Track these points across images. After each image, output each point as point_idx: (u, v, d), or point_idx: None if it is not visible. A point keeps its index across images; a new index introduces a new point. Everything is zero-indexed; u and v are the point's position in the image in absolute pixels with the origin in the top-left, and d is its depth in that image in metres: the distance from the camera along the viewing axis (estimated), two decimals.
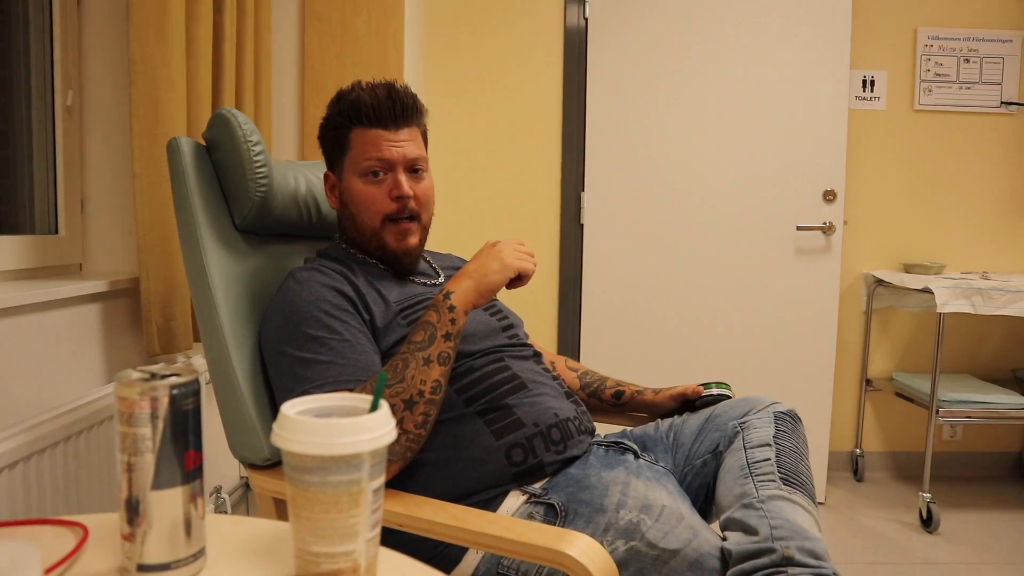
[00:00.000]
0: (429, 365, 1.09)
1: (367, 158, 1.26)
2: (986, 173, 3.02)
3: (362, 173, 1.27)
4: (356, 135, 1.27)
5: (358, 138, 1.27)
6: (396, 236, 1.29)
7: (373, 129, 1.26)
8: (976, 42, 2.96)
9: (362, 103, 1.26)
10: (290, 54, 2.19)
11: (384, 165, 1.26)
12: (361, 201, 1.28)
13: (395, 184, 1.26)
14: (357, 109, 1.26)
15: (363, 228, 1.30)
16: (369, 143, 1.26)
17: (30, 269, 1.48)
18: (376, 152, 1.26)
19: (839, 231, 2.79)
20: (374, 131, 1.26)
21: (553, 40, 2.85)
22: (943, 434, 3.12)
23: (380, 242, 1.29)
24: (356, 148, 1.28)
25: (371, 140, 1.26)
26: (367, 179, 1.27)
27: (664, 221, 2.85)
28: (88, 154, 1.65)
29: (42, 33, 1.57)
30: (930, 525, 2.53)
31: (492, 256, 1.17)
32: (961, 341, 3.09)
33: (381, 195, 1.27)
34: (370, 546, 0.62)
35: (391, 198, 1.27)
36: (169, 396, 0.61)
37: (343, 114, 1.28)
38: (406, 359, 1.10)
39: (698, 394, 1.41)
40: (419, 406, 1.08)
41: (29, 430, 1.14)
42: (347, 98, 1.28)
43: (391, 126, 1.27)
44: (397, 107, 1.27)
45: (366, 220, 1.29)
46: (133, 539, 0.62)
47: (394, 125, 1.27)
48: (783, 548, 0.99)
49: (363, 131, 1.27)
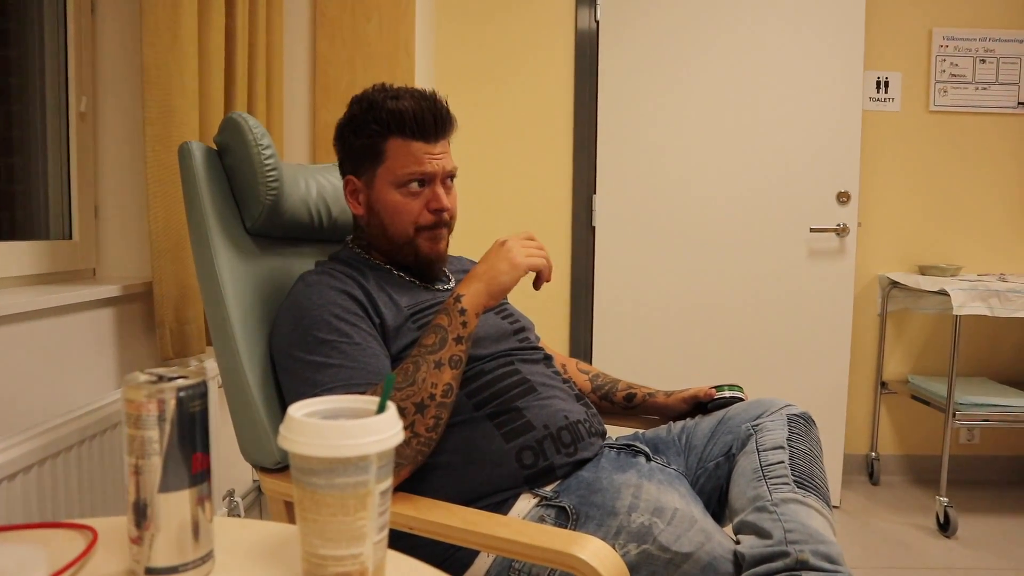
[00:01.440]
0: (440, 368, 1.09)
1: (408, 171, 1.23)
2: (1003, 174, 2.99)
3: (400, 184, 1.24)
4: (395, 145, 1.24)
5: (397, 149, 1.24)
6: (430, 241, 1.28)
7: (415, 141, 1.23)
8: (992, 42, 2.94)
9: (405, 114, 1.21)
10: (301, 58, 2.20)
11: (426, 177, 1.25)
12: (397, 212, 1.26)
13: (434, 197, 1.25)
14: (400, 119, 1.22)
15: (395, 237, 1.28)
16: (411, 156, 1.23)
17: (44, 274, 1.49)
18: (418, 166, 1.23)
19: (853, 233, 2.77)
20: (416, 143, 1.23)
21: (564, 42, 2.85)
22: (960, 437, 3.08)
23: (414, 249, 1.28)
24: (395, 158, 1.24)
25: (412, 153, 1.23)
26: (405, 190, 1.25)
27: (676, 223, 2.84)
28: (102, 160, 1.66)
29: (56, 40, 1.58)
30: (947, 529, 2.50)
31: (501, 256, 1.17)
32: (978, 343, 3.05)
33: (418, 207, 1.26)
34: (378, 549, 0.62)
35: (429, 210, 1.26)
36: (176, 398, 0.61)
37: (380, 122, 1.23)
38: (417, 362, 1.09)
39: (710, 397, 1.40)
40: (430, 409, 1.08)
41: (43, 434, 1.15)
42: (385, 106, 1.23)
43: (432, 139, 1.24)
44: (439, 120, 1.24)
45: (399, 230, 1.27)
46: (141, 542, 0.62)
47: (435, 138, 1.25)
48: (797, 552, 0.98)
49: (404, 142, 1.23)
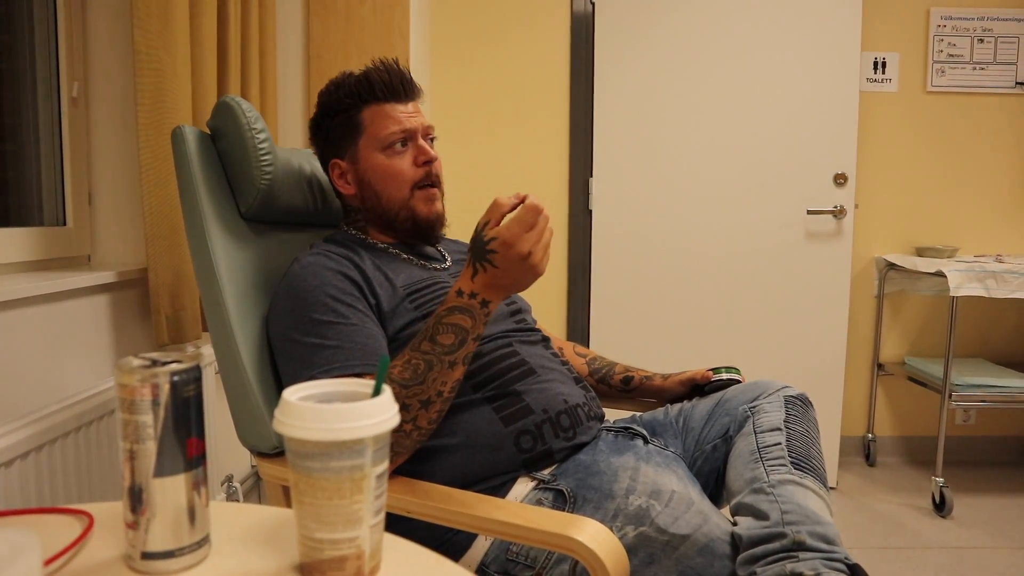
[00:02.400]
0: (454, 368, 1.07)
1: (389, 131, 1.27)
2: (1000, 155, 2.98)
3: (385, 147, 1.28)
4: (371, 112, 1.28)
5: (374, 114, 1.28)
6: (425, 202, 1.30)
7: (388, 103, 1.28)
8: (990, 21, 2.92)
9: (373, 81, 1.27)
10: (295, 42, 2.19)
11: (407, 135, 1.28)
12: (388, 174, 1.29)
13: (420, 151, 1.29)
14: (369, 86, 1.27)
15: (391, 202, 1.30)
16: (388, 117, 1.27)
17: (39, 261, 1.49)
18: (397, 124, 1.27)
19: (850, 215, 2.76)
20: (389, 105, 1.28)
21: (560, 25, 2.83)
22: (956, 418, 3.10)
23: (410, 212, 1.30)
24: (373, 124, 1.28)
25: (388, 114, 1.27)
26: (391, 151, 1.28)
27: (673, 206, 2.84)
28: (95, 145, 1.65)
29: (47, 25, 1.56)
30: (943, 509, 2.52)
31: (526, 270, 1.04)
32: (974, 325, 3.06)
33: (407, 164, 1.29)
34: (374, 532, 0.62)
35: (418, 164, 1.29)
36: (170, 383, 0.61)
37: (351, 95, 1.28)
38: (430, 362, 1.06)
39: (707, 379, 1.40)
40: (435, 405, 1.07)
41: (39, 421, 1.15)
42: (351, 80, 1.29)
43: (403, 98, 1.29)
44: (405, 81, 1.29)
45: (394, 193, 1.29)
46: (137, 527, 0.62)
47: (406, 97, 1.29)
48: (794, 533, 0.98)
49: (378, 107, 1.28)
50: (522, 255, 1.02)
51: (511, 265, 1.03)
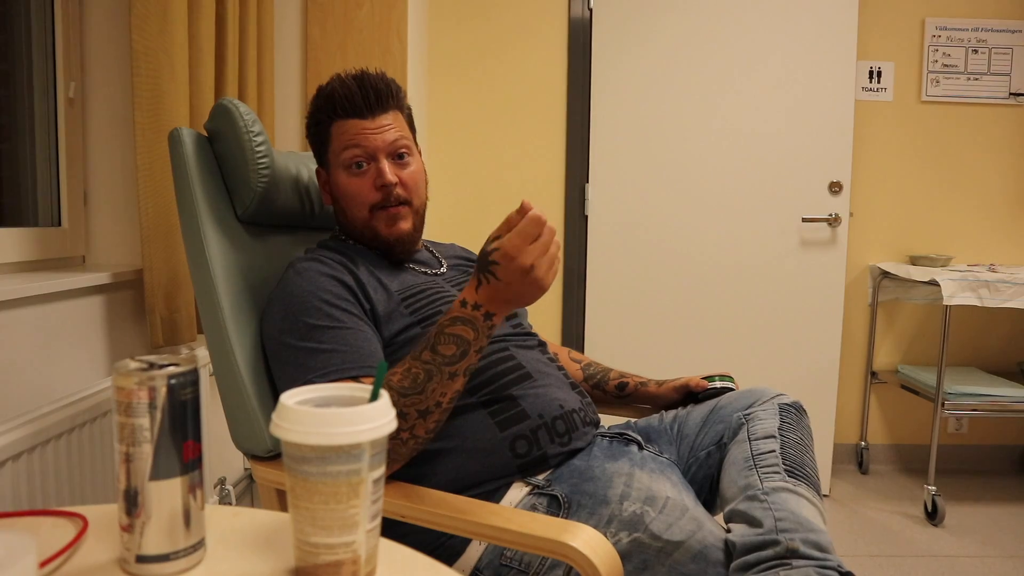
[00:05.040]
0: (454, 379, 1.05)
1: (346, 149, 1.25)
2: (993, 165, 3.00)
3: (345, 166, 1.26)
4: (336, 128, 1.26)
5: (337, 130, 1.26)
6: (386, 223, 1.27)
7: (350, 120, 1.25)
8: (985, 32, 2.94)
9: (335, 94, 1.24)
10: (293, 45, 2.19)
11: (365, 155, 1.25)
12: (347, 194, 1.28)
13: (378, 173, 1.25)
14: (331, 102, 1.25)
15: (354, 220, 1.29)
16: (347, 134, 1.25)
17: (33, 261, 1.48)
18: (354, 142, 1.25)
19: (845, 223, 2.77)
20: (351, 121, 1.25)
21: (557, 30, 2.84)
22: (948, 427, 3.11)
23: (373, 232, 1.28)
24: (336, 140, 1.27)
25: (349, 131, 1.25)
26: (351, 171, 1.26)
27: (668, 213, 2.84)
28: (91, 146, 1.65)
29: (44, 25, 1.56)
30: (935, 518, 2.53)
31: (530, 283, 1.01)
32: (967, 334, 3.07)
33: (366, 186, 1.26)
34: (370, 537, 0.62)
35: (375, 187, 1.26)
36: (167, 386, 0.61)
37: (321, 110, 1.27)
38: (429, 372, 1.04)
39: (701, 387, 1.40)
40: (434, 415, 1.06)
41: (32, 422, 1.14)
42: (323, 92, 1.27)
43: (367, 114, 1.25)
44: (370, 94, 1.25)
45: (355, 212, 1.28)
46: (132, 530, 0.62)
47: (370, 113, 1.25)
48: (787, 540, 0.98)
49: (342, 123, 1.26)
50: (524, 268, 0.98)
51: (513, 278, 0.99)
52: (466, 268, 1.44)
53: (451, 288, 1.31)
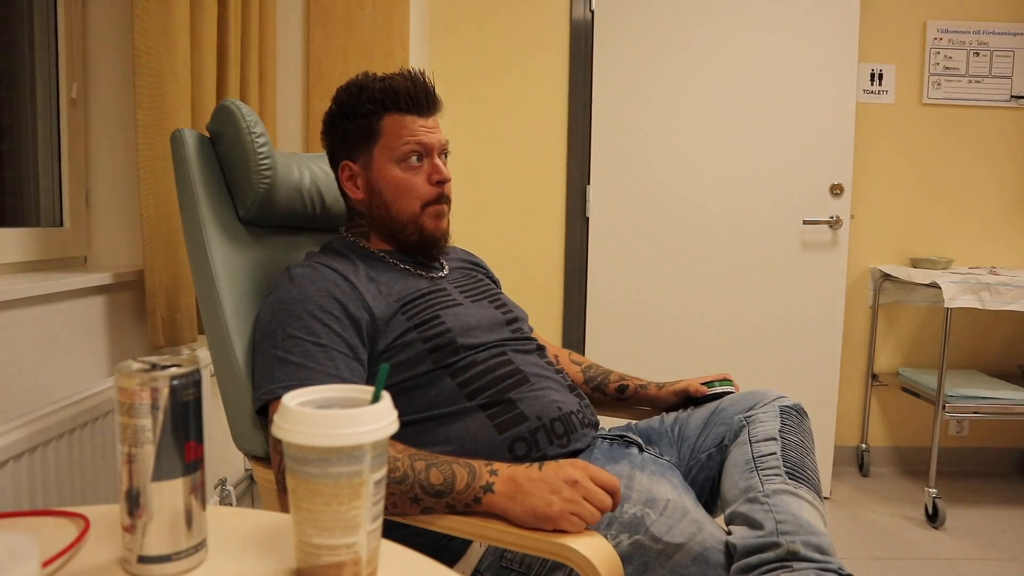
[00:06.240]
0: (415, 504, 1.00)
1: (407, 144, 1.26)
2: (995, 168, 3.00)
3: (400, 159, 1.26)
4: (390, 121, 1.26)
5: (393, 124, 1.26)
6: (434, 219, 1.30)
7: (409, 115, 1.26)
8: (986, 35, 2.94)
9: (398, 90, 1.25)
10: (295, 47, 2.19)
11: (424, 150, 1.27)
12: (401, 188, 1.28)
13: (435, 169, 1.28)
14: (394, 95, 1.25)
15: (401, 215, 1.29)
16: (407, 129, 1.26)
17: (35, 261, 1.48)
18: (415, 137, 1.26)
19: (846, 225, 2.77)
20: (410, 117, 1.26)
21: (559, 33, 2.84)
22: (949, 429, 3.10)
23: (418, 227, 1.29)
24: (391, 134, 1.26)
25: (408, 126, 1.26)
26: (406, 165, 1.27)
27: (670, 215, 2.84)
28: (93, 146, 1.65)
29: (46, 25, 1.56)
30: (936, 521, 2.52)
31: (543, 497, 0.96)
32: (968, 336, 3.07)
33: (420, 180, 1.28)
34: (371, 538, 0.62)
35: (431, 183, 1.28)
36: (169, 387, 0.61)
37: (374, 101, 1.26)
38: (406, 475, 1.00)
39: (701, 394, 1.40)
40: None
41: (34, 422, 1.15)
42: (377, 85, 1.26)
43: (425, 112, 1.28)
44: (430, 95, 1.28)
45: (405, 207, 1.28)
46: (134, 531, 0.62)
47: (428, 111, 1.28)
48: (788, 543, 0.98)
49: (399, 117, 1.26)
50: (569, 479, 0.96)
51: (545, 476, 0.97)
52: (470, 271, 1.44)
53: (453, 290, 1.31)
